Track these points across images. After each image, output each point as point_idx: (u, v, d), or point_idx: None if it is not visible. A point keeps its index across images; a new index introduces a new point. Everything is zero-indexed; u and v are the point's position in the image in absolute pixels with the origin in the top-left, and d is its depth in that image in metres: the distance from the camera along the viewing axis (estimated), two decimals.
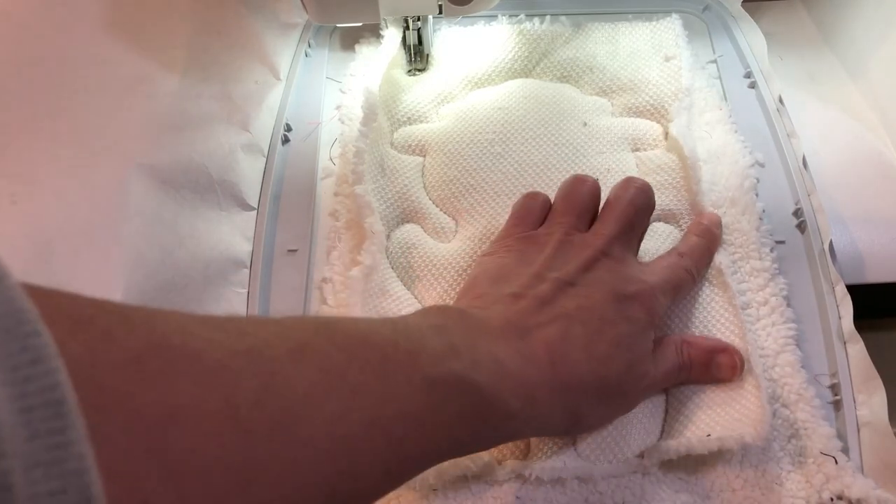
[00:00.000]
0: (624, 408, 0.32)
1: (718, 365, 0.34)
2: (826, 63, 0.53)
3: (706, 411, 0.33)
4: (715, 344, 0.35)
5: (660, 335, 0.35)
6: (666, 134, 0.45)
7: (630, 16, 0.52)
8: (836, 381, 0.35)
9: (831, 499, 0.32)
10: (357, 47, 0.51)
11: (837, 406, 0.35)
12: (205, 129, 0.41)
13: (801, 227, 0.41)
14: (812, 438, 0.33)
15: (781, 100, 0.46)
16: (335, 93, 0.49)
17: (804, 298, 0.38)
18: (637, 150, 0.45)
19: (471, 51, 0.49)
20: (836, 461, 0.32)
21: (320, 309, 0.39)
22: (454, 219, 0.42)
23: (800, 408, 0.34)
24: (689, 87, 0.46)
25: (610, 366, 0.30)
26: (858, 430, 0.34)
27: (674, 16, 0.50)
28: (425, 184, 0.44)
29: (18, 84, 0.36)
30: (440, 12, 0.43)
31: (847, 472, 0.32)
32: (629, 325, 0.31)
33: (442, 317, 0.28)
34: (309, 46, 0.52)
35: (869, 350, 0.35)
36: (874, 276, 0.40)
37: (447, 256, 0.40)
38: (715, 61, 0.50)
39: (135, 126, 0.38)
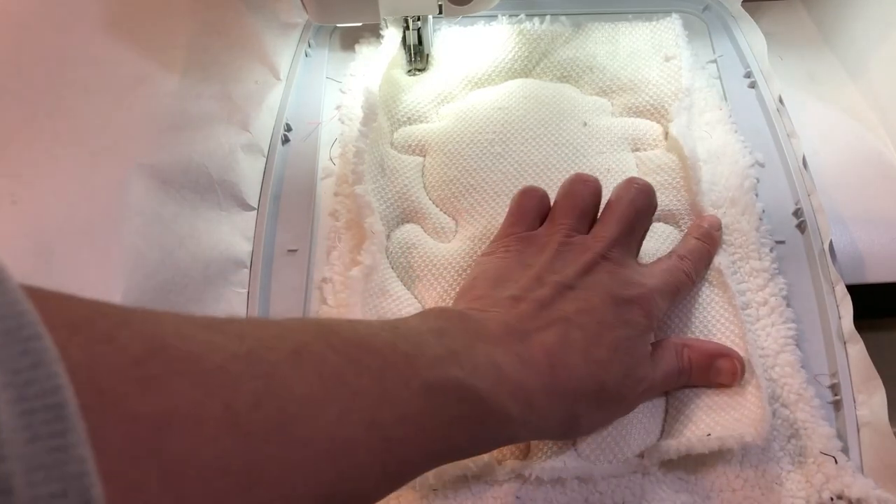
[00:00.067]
0: (621, 411, 0.32)
1: (718, 369, 0.34)
2: (826, 63, 0.53)
3: (706, 411, 0.33)
4: (716, 348, 0.34)
5: (659, 337, 0.35)
6: (666, 134, 0.45)
7: (630, 16, 0.52)
8: (836, 381, 0.35)
9: (831, 498, 0.32)
10: (357, 47, 0.51)
11: (837, 406, 0.35)
12: (205, 129, 0.41)
13: (801, 227, 0.41)
14: (812, 438, 0.33)
15: (781, 100, 0.46)
16: (335, 93, 0.49)
17: (804, 298, 0.38)
18: (637, 150, 0.45)
19: (471, 51, 0.49)
20: (836, 461, 0.32)
21: (320, 309, 0.39)
22: (454, 219, 0.42)
23: (800, 408, 0.34)
24: (689, 87, 0.46)
25: (608, 370, 0.30)
26: (858, 430, 0.34)
27: (674, 16, 0.50)
28: (425, 184, 0.44)
29: (18, 84, 0.36)
30: (440, 12, 0.43)
31: (847, 472, 0.32)
32: (628, 329, 0.31)
33: (442, 320, 0.28)
34: (309, 46, 0.52)
35: (869, 350, 0.35)
36: (874, 276, 0.40)
37: (447, 256, 0.40)
38: (715, 61, 0.50)
39: (135, 126, 0.38)
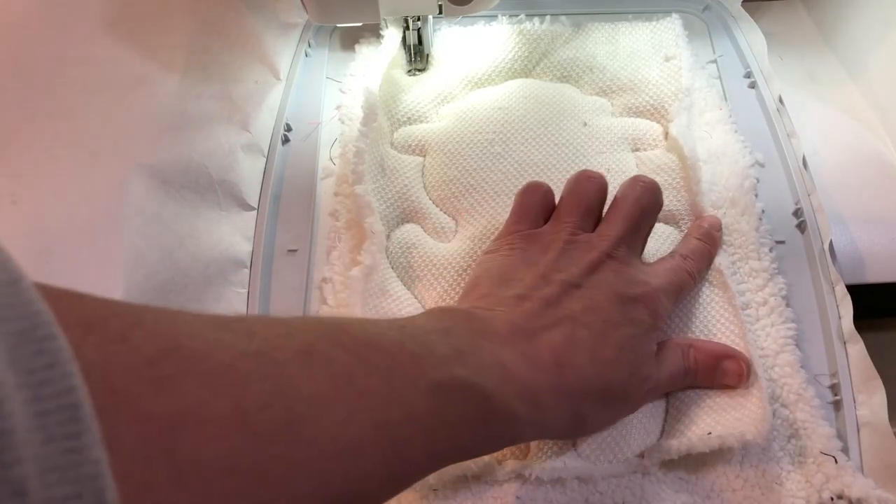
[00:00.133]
0: (626, 410, 0.32)
1: (724, 371, 0.33)
2: (826, 63, 0.53)
3: (706, 411, 0.33)
4: (722, 349, 0.34)
5: (663, 338, 0.35)
6: (666, 134, 0.45)
7: (630, 16, 0.52)
8: (836, 381, 0.35)
9: (831, 498, 0.32)
10: (357, 47, 0.51)
11: (837, 406, 0.35)
12: (205, 129, 0.41)
13: (801, 227, 0.41)
14: (812, 438, 0.33)
15: (781, 100, 0.46)
16: (335, 93, 0.49)
17: (804, 298, 0.38)
18: (637, 150, 0.45)
19: (471, 51, 0.49)
20: (836, 461, 0.32)
21: (320, 309, 0.39)
22: (454, 219, 0.42)
23: (799, 408, 0.34)
24: (689, 87, 0.46)
25: (614, 369, 0.30)
26: (858, 430, 0.34)
27: (674, 16, 0.50)
28: (425, 184, 0.44)
29: (18, 84, 0.36)
30: (440, 12, 0.43)
31: (847, 472, 0.32)
32: (633, 328, 0.31)
33: (448, 319, 0.28)
34: (309, 46, 0.52)
35: (869, 350, 0.35)
36: (874, 276, 0.40)
37: (447, 256, 0.40)
38: (715, 61, 0.50)
39: (135, 126, 0.38)
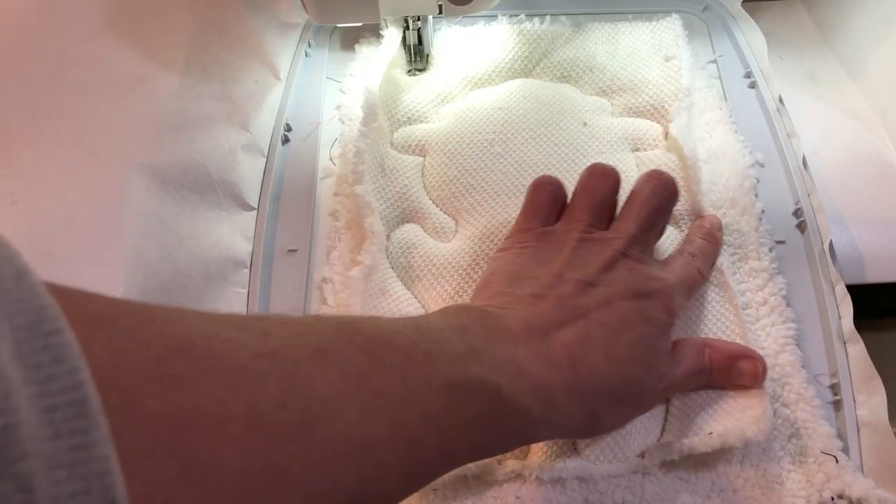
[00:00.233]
0: (642, 409, 0.32)
1: (740, 371, 0.33)
2: (826, 63, 0.53)
3: (707, 410, 0.33)
4: (738, 349, 0.34)
5: (678, 337, 0.34)
6: (666, 134, 0.45)
7: (630, 16, 0.52)
8: (836, 381, 0.35)
9: (832, 498, 0.32)
10: (357, 47, 0.51)
11: (837, 406, 0.35)
12: (205, 129, 0.41)
13: (801, 227, 0.41)
14: (812, 438, 0.33)
15: (781, 100, 0.46)
16: (335, 93, 0.49)
17: (804, 298, 0.38)
18: (637, 150, 0.45)
19: (471, 51, 0.49)
20: (837, 460, 0.32)
21: (320, 309, 0.39)
22: (454, 219, 0.42)
23: (800, 407, 0.34)
24: (689, 87, 0.46)
25: (629, 367, 0.30)
26: (858, 430, 0.34)
27: (674, 16, 0.50)
28: (425, 184, 0.44)
29: (18, 84, 0.36)
30: (440, 12, 0.43)
31: (847, 472, 0.32)
32: (649, 326, 0.31)
33: (462, 317, 0.28)
34: (309, 46, 0.52)
35: (869, 350, 0.35)
36: (874, 276, 0.40)
37: (447, 256, 0.40)
38: (715, 61, 0.50)
39: (135, 126, 0.38)
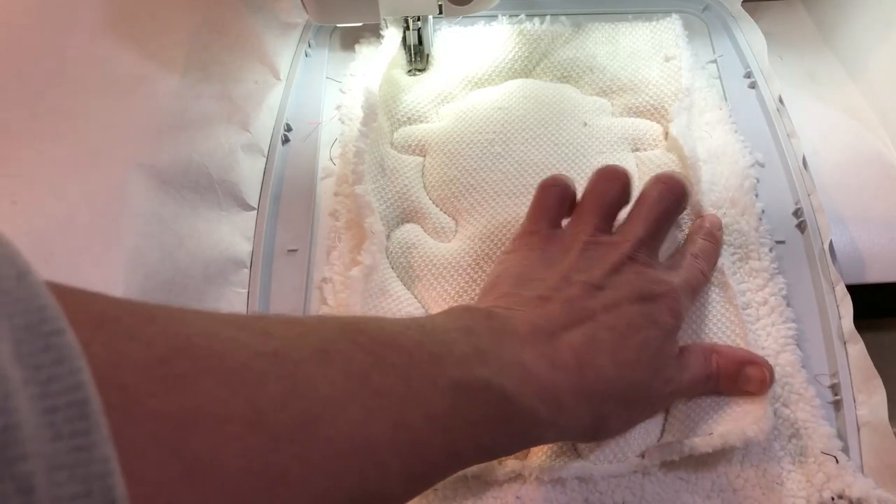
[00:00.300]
0: (648, 413, 0.32)
1: (747, 377, 0.33)
2: (826, 63, 0.53)
3: (707, 410, 0.33)
4: (745, 355, 0.34)
5: (681, 339, 0.34)
6: (666, 134, 0.45)
7: (630, 16, 0.52)
8: (836, 381, 0.35)
9: (832, 498, 0.32)
10: (357, 47, 0.51)
11: (837, 406, 0.35)
12: (205, 129, 0.41)
13: (801, 227, 0.41)
14: (812, 438, 0.33)
15: (781, 100, 0.46)
16: (335, 93, 0.49)
17: (804, 298, 0.38)
18: (637, 150, 0.45)
19: (471, 51, 0.49)
20: (837, 461, 0.32)
21: (320, 309, 0.39)
22: (454, 219, 0.42)
23: (800, 407, 0.34)
24: (689, 87, 0.46)
25: (636, 370, 0.30)
26: (858, 430, 0.34)
27: (674, 16, 0.50)
28: (425, 184, 0.44)
29: (18, 84, 0.36)
30: (440, 12, 0.43)
31: (848, 472, 0.32)
32: (656, 330, 0.31)
33: (468, 318, 0.28)
34: (309, 46, 0.52)
35: (869, 350, 0.35)
36: (874, 276, 0.40)
37: (447, 256, 0.40)
38: (715, 61, 0.50)
39: (135, 126, 0.38)
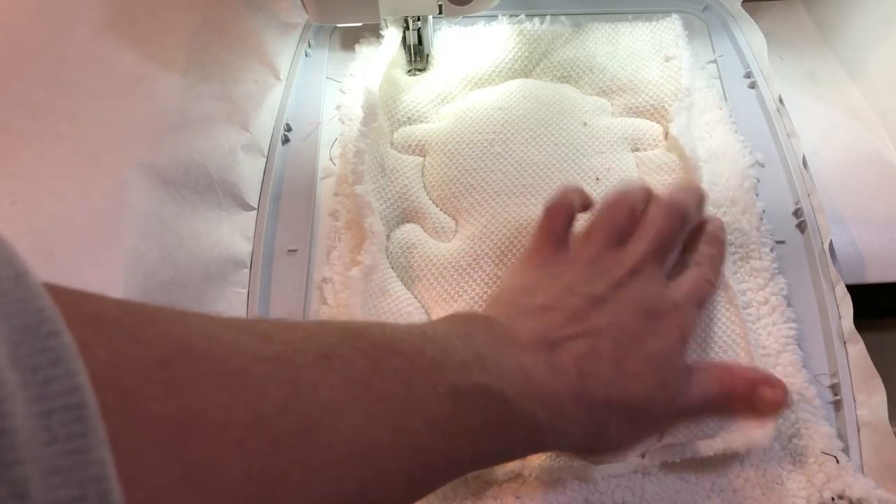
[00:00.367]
0: (655, 429, 0.31)
1: (761, 398, 0.31)
2: (826, 63, 0.53)
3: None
4: (759, 375, 0.32)
5: (695, 360, 0.34)
6: (666, 134, 0.45)
7: (630, 16, 0.52)
8: (837, 381, 0.35)
9: (832, 498, 0.32)
10: (357, 47, 0.51)
11: (838, 406, 0.35)
12: (205, 129, 0.41)
13: (801, 227, 0.41)
14: (813, 438, 0.33)
15: (781, 100, 0.46)
16: (335, 93, 0.49)
17: (804, 298, 0.38)
18: (637, 150, 0.45)
19: (471, 51, 0.49)
20: (837, 461, 0.32)
21: (320, 309, 0.39)
22: (454, 218, 0.42)
23: (801, 407, 0.34)
24: (689, 87, 0.46)
25: (640, 381, 0.29)
26: (858, 430, 0.34)
27: (674, 16, 0.50)
28: (425, 184, 0.44)
29: (18, 84, 0.36)
30: (440, 12, 0.43)
31: (848, 472, 0.32)
32: (662, 342, 0.31)
33: (469, 325, 0.28)
34: (309, 46, 0.52)
35: (869, 350, 0.35)
36: (874, 276, 0.40)
37: (447, 256, 0.40)
38: (715, 61, 0.50)
39: (135, 126, 0.38)
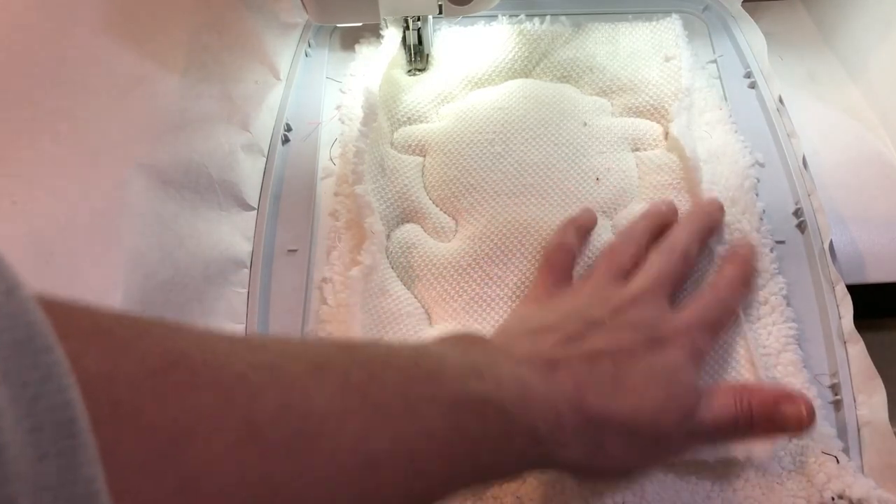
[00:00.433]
0: (665, 450, 0.30)
1: (784, 416, 0.30)
2: (826, 63, 0.53)
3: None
4: (779, 392, 0.31)
5: (710, 383, 0.33)
6: (666, 134, 0.45)
7: (630, 16, 0.52)
8: (837, 381, 0.35)
9: (832, 498, 0.32)
10: (357, 47, 0.51)
11: (838, 406, 0.35)
12: (205, 129, 0.41)
13: (801, 227, 0.41)
14: (813, 438, 0.33)
15: (781, 100, 0.46)
16: (335, 93, 0.49)
17: (804, 298, 0.38)
18: (637, 150, 0.45)
19: (471, 51, 0.49)
20: (838, 461, 0.32)
21: (320, 309, 0.39)
22: (454, 218, 0.42)
23: None
24: (689, 87, 0.46)
25: (643, 395, 0.29)
26: (859, 430, 0.34)
27: (674, 16, 0.50)
28: (425, 184, 0.44)
29: (18, 84, 0.36)
30: (440, 12, 0.43)
31: (848, 472, 0.32)
32: (664, 360, 0.30)
33: (464, 342, 0.28)
34: (309, 46, 0.52)
35: (869, 350, 0.35)
36: (874, 276, 0.40)
37: (447, 256, 0.40)
38: (715, 61, 0.50)
39: (135, 126, 0.38)
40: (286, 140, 0.46)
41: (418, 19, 0.46)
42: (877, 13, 0.49)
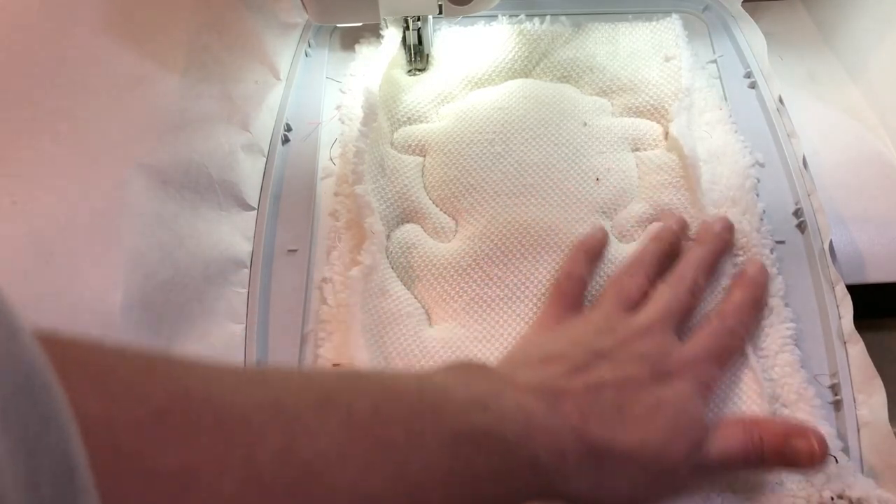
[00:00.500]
0: (671, 484, 0.29)
1: (795, 451, 0.29)
2: (826, 63, 0.53)
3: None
4: (790, 427, 0.30)
5: (720, 416, 0.33)
6: (666, 134, 0.45)
7: (630, 16, 0.52)
8: (836, 381, 0.35)
9: (832, 498, 0.31)
10: (357, 47, 0.51)
11: (837, 406, 0.35)
12: (205, 129, 0.41)
13: (801, 227, 0.41)
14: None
15: (781, 100, 0.46)
16: (335, 93, 0.49)
17: (804, 298, 0.38)
18: (637, 150, 0.45)
19: (471, 51, 0.49)
20: (837, 461, 0.32)
21: (320, 309, 0.39)
22: (454, 218, 0.42)
23: (800, 408, 0.34)
24: (689, 87, 0.46)
25: (648, 426, 0.28)
26: (858, 430, 0.34)
27: (674, 16, 0.50)
28: (425, 184, 0.44)
29: (18, 84, 0.36)
30: (440, 12, 0.43)
31: (848, 472, 0.32)
32: (671, 392, 0.30)
33: (468, 371, 0.28)
34: (309, 46, 0.52)
35: (869, 350, 0.35)
36: (874, 276, 0.40)
37: (447, 256, 0.40)
38: (715, 61, 0.50)
39: (135, 126, 0.38)
40: (286, 140, 0.46)
41: (418, 19, 0.46)
42: (877, 13, 0.49)
